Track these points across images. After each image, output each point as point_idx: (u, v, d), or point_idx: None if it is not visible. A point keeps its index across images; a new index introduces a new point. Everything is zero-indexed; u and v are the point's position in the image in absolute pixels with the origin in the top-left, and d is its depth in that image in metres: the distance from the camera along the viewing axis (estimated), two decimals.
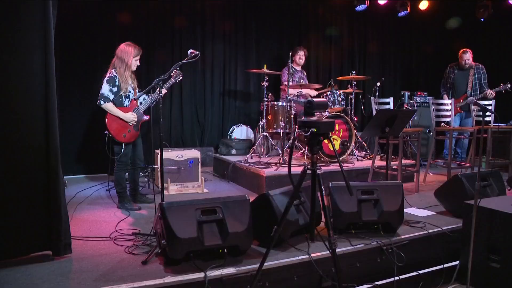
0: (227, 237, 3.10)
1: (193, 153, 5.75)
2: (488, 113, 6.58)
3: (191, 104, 7.52)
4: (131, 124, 4.66)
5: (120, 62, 4.58)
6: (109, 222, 4.17)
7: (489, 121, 6.76)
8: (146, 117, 4.80)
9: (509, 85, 7.15)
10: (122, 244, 3.54)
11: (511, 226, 3.35)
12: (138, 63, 4.73)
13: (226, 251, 3.15)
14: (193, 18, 7.30)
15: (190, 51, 4.05)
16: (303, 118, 2.66)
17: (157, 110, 3.98)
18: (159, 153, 4.22)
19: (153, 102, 4.73)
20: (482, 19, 8.81)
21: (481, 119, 6.74)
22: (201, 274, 2.90)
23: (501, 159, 6.93)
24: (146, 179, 5.99)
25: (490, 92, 7.34)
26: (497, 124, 6.71)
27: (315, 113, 2.80)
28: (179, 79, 4.91)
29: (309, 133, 2.56)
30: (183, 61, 4.01)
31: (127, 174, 4.87)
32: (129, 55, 4.59)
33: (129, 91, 4.70)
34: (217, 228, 3.14)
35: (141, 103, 4.79)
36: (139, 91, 4.76)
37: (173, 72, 4.66)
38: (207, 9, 7.40)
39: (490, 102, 6.96)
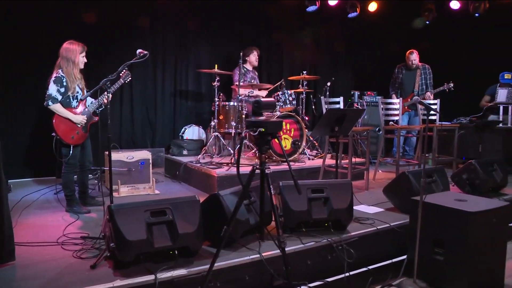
0: (177, 238, 3.08)
1: (144, 154, 5.67)
2: (433, 112, 6.79)
3: (141, 105, 7.43)
4: (79, 126, 4.56)
5: (66, 62, 4.46)
6: (56, 227, 4.05)
7: (435, 120, 7.00)
8: (95, 118, 4.71)
9: (451, 84, 7.45)
10: (70, 249, 3.44)
11: (454, 220, 3.47)
12: (85, 60, 4.62)
13: (176, 252, 3.13)
14: (144, 18, 7.20)
15: (138, 51, 4.00)
16: (251, 118, 2.68)
17: (106, 111, 3.90)
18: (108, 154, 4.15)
19: (101, 104, 4.65)
20: (427, 22, 9.10)
21: (429, 118, 6.96)
22: (152, 277, 2.86)
23: (446, 156, 7.19)
24: (96, 181, 5.87)
25: (428, 95, 7.65)
26: (441, 123, 6.96)
27: (264, 113, 2.82)
28: (128, 79, 4.83)
29: (257, 132, 2.58)
30: (131, 61, 3.95)
31: (75, 176, 4.76)
32: (75, 52, 4.48)
33: (77, 92, 4.59)
34: (167, 230, 3.11)
35: (88, 105, 4.69)
36: (87, 91, 4.66)
37: (122, 72, 4.59)
38: (158, 9, 7.31)
39: (435, 101, 7.20)
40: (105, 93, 4.27)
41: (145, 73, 7.38)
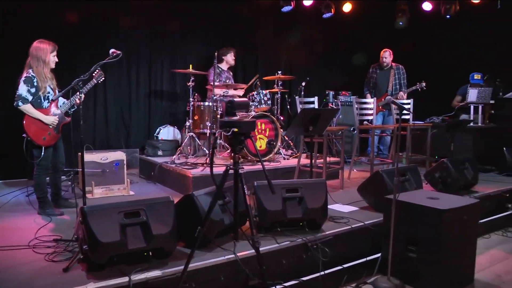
0: (152, 239, 3.06)
1: (118, 155, 5.61)
2: (405, 111, 6.88)
3: (116, 105, 7.35)
4: (51, 127, 4.48)
5: (36, 61, 4.38)
6: (28, 229, 3.97)
7: (408, 119, 7.09)
8: (67, 119, 4.64)
9: (424, 84, 7.59)
10: (42, 252, 3.38)
11: (427, 218, 3.54)
12: (56, 59, 4.54)
13: (151, 253, 3.11)
14: (118, 17, 7.12)
15: (111, 50, 3.97)
16: (224, 118, 2.68)
17: (78, 111, 3.86)
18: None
19: (74, 104, 4.58)
20: (400, 23, 9.22)
21: (403, 117, 7.06)
22: (126, 279, 2.83)
23: (419, 155, 7.30)
24: (69, 182, 5.79)
25: (402, 94, 7.77)
26: (414, 122, 7.06)
27: (239, 113, 2.83)
28: (101, 80, 4.77)
29: (230, 132, 2.58)
30: (104, 61, 3.92)
31: (48, 178, 4.69)
32: (45, 51, 4.40)
33: (48, 92, 4.51)
34: (141, 231, 3.08)
35: (60, 105, 4.61)
36: (58, 91, 4.59)
37: (95, 72, 4.53)
38: (132, 8, 7.24)
39: (408, 101, 7.30)
40: (78, 93, 4.21)
41: (119, 73, 7.31)
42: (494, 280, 3.81)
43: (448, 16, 8.60)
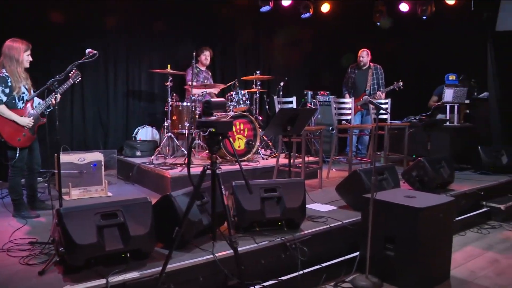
0: (129, 241, 3.04)
1: (96, 156, 5.54)
2: (383, 111, 6.96)
3: (93, 105, 7.28)
4: (26, 128, 4.41)
5: (9, 60, 4.29)
6: (2, 232, 3.89)
7: (386, 119, 7.16)
8: (43, 120, 4.57)
9: (401, 83, 7.67)
10: (17, 255, 3.32)
11: (404, 216, 3.58)
12: (31, 59, 4.44)
13: (129, 255, 3.08)
14: (95, 17, 7.05)
15: (88, 50, 3.93)
16: (201, 118, 2.68)
17: (54, 112, 3.81)
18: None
19: (49, 105, 4.51)
20: (378, 23, 9.32)
21: (380, 116, 7.15)
22: (103, 281, 2.81)
23: (397, 154, 7.37)
24: (45, 184, 5.70)
25: (379, 94, 7.85)
26: (391, 122, 7.13)
27: (217, 113, 2.82)
28: (78, 80, 4.70)
29: (207, 133, 2.58)
30: (80, 61, 3.87)
31: (23, 180, 4.61)
32: (19, 50, 4.31)
33: (23, 92, 4.41)
34: (118, 232, 3.06)
35: (36, 106, 4.54)
36: (34, 91, 4.52)
37: (71, 72, 4.46)
38: (109, 8, 7.17)
39: (386, 100, 7.38)
40: (53, 93, 4.15)
41: (96, 73, 7.24)
42: (468, 276, 3.88)
43: (424, 17, 8.71)
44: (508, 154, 6.84)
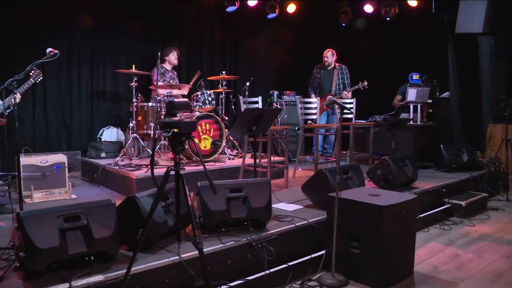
0: (93, 243, 2.99)
1: (59, 158, 5.43)
2: (347, 110, 7.04)
3: (56, 106, 7.12)
4: None
5: None
6: None
7: (351, 118, 7.25)
8: (2, 120, 4.46)
9: (366, 83, 7.79)
10: None
11: (368, 214, 3.63)
12: None
13: (92, 258, 3.04)
14: (58, 16, 6.92)
15: (48, 49, 3.85)
16: (165, 118, 2.66)
17: (14, 113, 3.72)
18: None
19: (9, 105, 4.40)
20: (343, 24, 9.43)
21: (345, 116, 7.24)
22: (66, 285, 2.75)
23: (362, 153, 7.48)
24: (6, 187, 5.56)
25: (345, 93, 7.95)
26: (356, 121, 7.22)
27: (179, 113, 2.81)
28: (39, 79, 4.61)
29: (170, 133, 2.57)
30: (40, 60, 3.79)
31: None
32: None
33: None
34: (81, 235, 3.00)
35: None
36: None
37: (32, 72, 4.37)
38: (73, 7, 7.05)
39: (351, 100, 7.47)
40: (12, 94, 4.05)
41: (59, 73, 7.09)
42: (431, 271, 3.96)
43: (388, 18, 8.85)
44: (468, 152, 7.02)
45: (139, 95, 6.54)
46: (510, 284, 3.72)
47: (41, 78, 4.63)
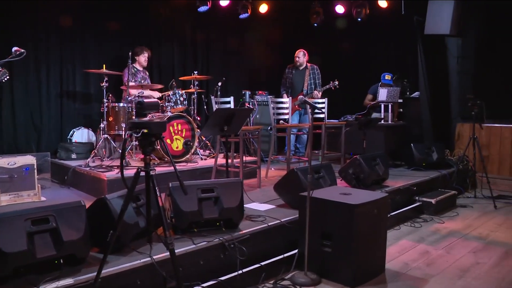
0: (62, 246, 2.94)
1: (28, 159, 5.32)
2: (318, 110, 7.10)
3: (24, 107, 6.98)
4: None
5: None
6: None
7: (323, 118, 7.30)
8: None
9: (337, 82, 7.87)
10: None
11: (339, 213, 3.66)
12: None
13: (62, 261, 2.98)
14: (25, 15, 6.78)
15: (14, 48, 3.78)
16: (134, 119, 2.64)
17: None
18: None
19: None
20: (315, 24, 9.49)
21: (317, 116, 7.30)
22: None
23: (335, 152, 7.54)
24: None
25: (316, 93, 8.02)
26: (328, 121, 7.28)
27: (150, 114, 2.79)
28: (5, 78, 4.50)
29: (140, 134, 2.54)
30: (5, 60, 3.72)
31: None
32: None
33: None
34: (50, 238, 2.94)
35: None
36: None
37: None
38: (40, 5, 6.91)
39: (323, 100, 7.52)
40: None
41: (27, 73, 6.95)
42: (402, 268, 4.03)
43: (359, 19, 8.95)
44: (438, 151, 7.16)
45: (110, 95, 6.46)
46: (475, 279, 3.81)
47: (7, 77, 4.51)
